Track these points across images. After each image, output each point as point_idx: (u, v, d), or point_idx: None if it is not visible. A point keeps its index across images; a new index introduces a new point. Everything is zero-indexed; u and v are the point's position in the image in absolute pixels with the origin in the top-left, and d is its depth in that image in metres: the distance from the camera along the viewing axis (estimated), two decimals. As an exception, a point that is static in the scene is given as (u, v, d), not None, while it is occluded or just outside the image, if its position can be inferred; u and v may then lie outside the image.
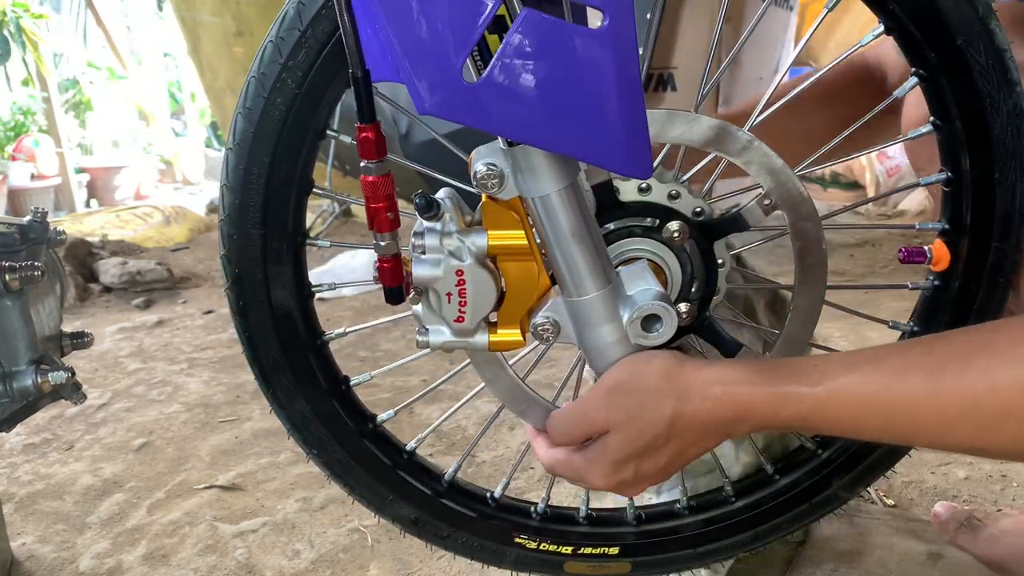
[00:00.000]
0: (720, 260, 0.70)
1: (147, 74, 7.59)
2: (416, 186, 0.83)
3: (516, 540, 0.83)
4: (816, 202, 0.70)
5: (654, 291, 0.62)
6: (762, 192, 0.68)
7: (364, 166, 0.55)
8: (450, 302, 0.63)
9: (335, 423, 0.77)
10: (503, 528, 0.83)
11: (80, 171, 6.11)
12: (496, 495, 0.84)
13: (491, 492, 0.85)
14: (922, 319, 0.76)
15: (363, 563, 1.20)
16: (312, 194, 0.71)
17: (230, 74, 3.39)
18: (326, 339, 0.77)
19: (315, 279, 0.75)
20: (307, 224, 0.73)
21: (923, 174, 0.74)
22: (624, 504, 0.86)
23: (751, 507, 0.84)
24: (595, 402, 0.62)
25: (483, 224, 0.62)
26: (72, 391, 0.99)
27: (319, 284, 0.76)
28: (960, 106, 0.66)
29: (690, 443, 0.61)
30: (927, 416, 0.53)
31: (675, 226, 0.67)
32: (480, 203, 0.62)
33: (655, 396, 0.59)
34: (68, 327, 1.09)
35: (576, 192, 0.59)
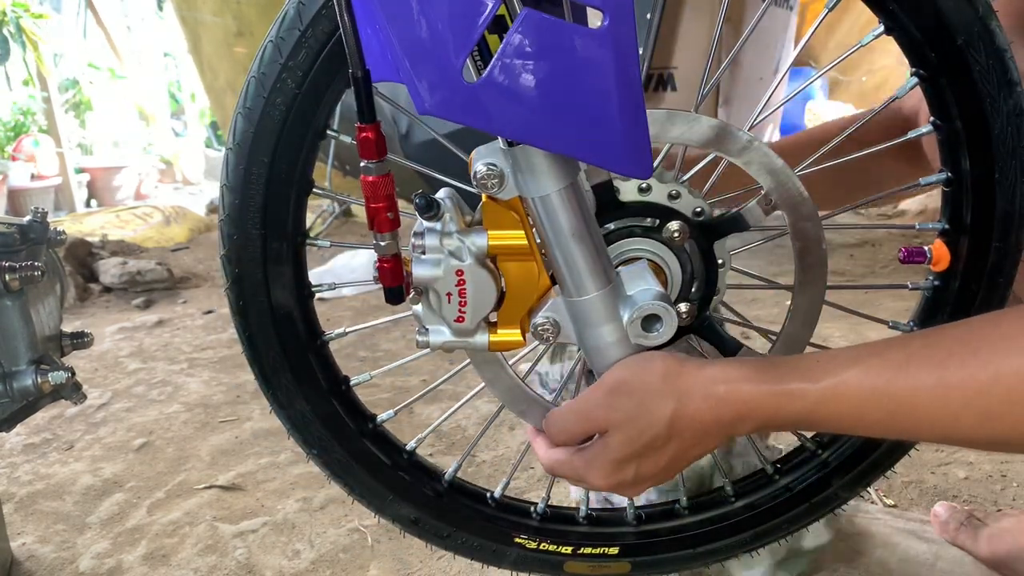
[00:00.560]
0: (720, 260, 0.70)
1: (147, 74, 7.59)
2: (416, 186, 0.83)
3: (516, 540, 0.82)
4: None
5: (654, 291, 0.62)
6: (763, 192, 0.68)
7: (364, 166, 0.55)
8: (450, 302, 0.63)
9: (335, 423, 0.77)
10: (503, 528, 0.83)
11: (80, 171, 6.12)
12: (496, 495, 0.84)
13: (491, 492, 0.85)
14: (922, 319, 0.76)
15: (363, 563, 1.20)
16: (312, 194, 0.71)
17: (231, 74, 3.40)
18: (326, 339, 0.77)
19: (315, 279, 0.75)
20: (307, 224, 0.73)
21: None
22: (624, 504, 0.86)
23: (751, 507, 0.84)
24: (595, 401, 0.62)
25: (483, 224, 0.62)
26: (72, 391, 1.00)
27: (319, 284, 0.76)
28: (960, 106, 0.66)
29: (691, 444, 0.61)
30: (931, 408, 0.52)
31: (675, 226, 0.67)
32: (480, 203, 0.62)
33: (655, 396, 0.59)
34: (68, 327, 1.09)
35: (576, 192, 0.59)
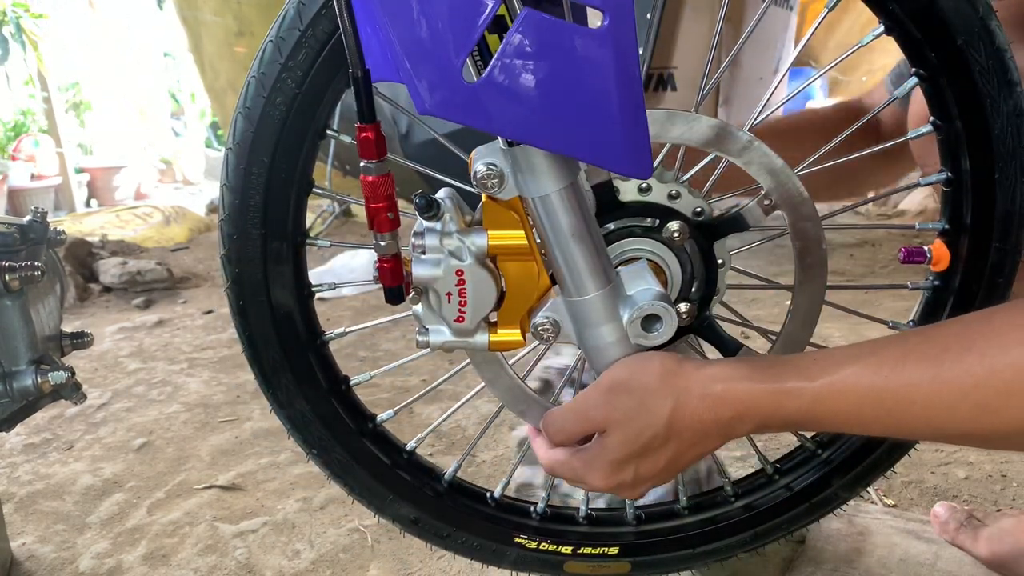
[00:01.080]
0: (720, 260, 0.70)
1: (147, 74, 7.59)
2: (416, 186, 0.83)
3: (516, 540, 0.83)
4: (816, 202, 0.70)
5: (654, 291, 0.62)
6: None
7: (364, 166, 0.55)
8: (450, 302, 0.63)
9: (335, 423, 0.77)
10: (503, 528, 0.83)
11: (80, 171, 6.12)
12: (496, 495, 0.84)
13: (491, 492, 0.85)
14: (922, 319, 0.76)
15: (363, 563, 1.20)
16: (312, 194, 0.71)
17: (231, 74, 3.40)
18: (326, 339, 0.77)
19: (315, 279, 0.75)
20: (307, 224, 0.73)
21: (927, 172, 0.74)
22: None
23: (751, 507, 0.84)
24: (594, 400, 0.62)
25: (483, 224, 0.62)
26: (72, 391, 1.00)
27: (319, 284, 0.76)
28: (960, 106, 0.66)
29: (690, 444, 0.60)
30: (928, 404, 0.52)
31: (675, 226, 0.67)
32: (480, 203, 0.62)
33: (654, 396, 0.59)
34: (68, 327, 1.09)
35: (576, 192, 0.59)
